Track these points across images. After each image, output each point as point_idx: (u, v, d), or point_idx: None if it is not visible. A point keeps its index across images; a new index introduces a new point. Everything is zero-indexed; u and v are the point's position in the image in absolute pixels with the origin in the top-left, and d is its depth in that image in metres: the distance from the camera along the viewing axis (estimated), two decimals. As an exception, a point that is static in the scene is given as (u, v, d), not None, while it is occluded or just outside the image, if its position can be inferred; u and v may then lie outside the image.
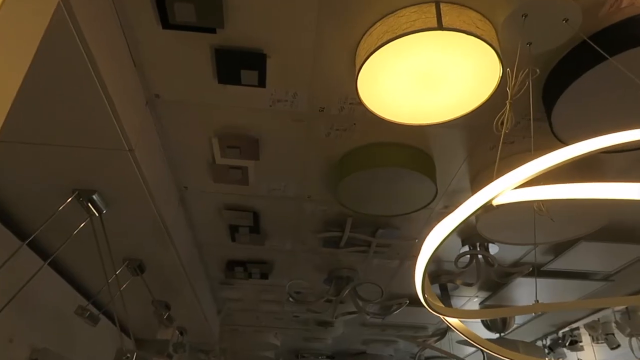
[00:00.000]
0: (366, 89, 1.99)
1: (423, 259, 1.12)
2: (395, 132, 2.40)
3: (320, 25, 1.87)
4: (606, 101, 1.89)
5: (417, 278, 1.23)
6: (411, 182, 2.58)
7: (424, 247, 1.12)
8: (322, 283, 4.45)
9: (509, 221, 2.71)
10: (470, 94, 2.01)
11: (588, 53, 1.71)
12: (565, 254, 3.55)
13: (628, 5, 1.70)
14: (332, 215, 3.33)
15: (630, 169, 2.60)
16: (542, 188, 1.01)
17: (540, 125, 2.21)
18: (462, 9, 1.75)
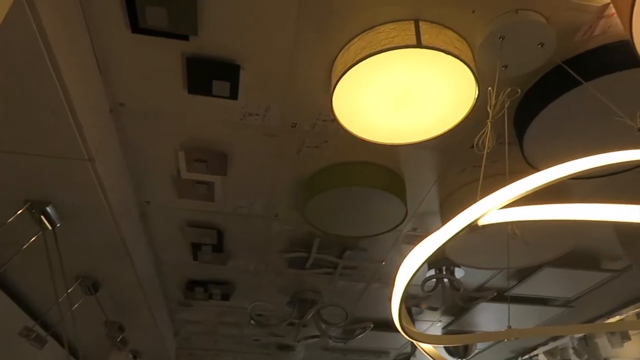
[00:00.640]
0: (341, 105, 1.95)
1: (403, 280, 1.07)
2: (368, 151, 2.37)
3: (298, 38, 1.83)
4: (578, 126, 1.92)
5: (394, 301, 1.17)
6: (381, 203, 2.55)
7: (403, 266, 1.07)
8: (285, 305, 4.33)
9: (477, 245, 2.70)
10: (445, 114, 2.00)
11: (562, 78, 1.74)
12: (529, 279, 3.58)
13: (600, 33, 1.74)
14: (299, 235, 3.25)
15: (595, 194, 2.65)
16: (527, 208, 0.97)
17: (511, 149, 2.22)
18: (440, 28, 1.74)
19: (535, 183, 0.89)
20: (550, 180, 0.88)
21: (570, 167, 0.89)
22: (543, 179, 0.88)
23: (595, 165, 0.91)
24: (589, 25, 1.71)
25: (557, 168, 0.90)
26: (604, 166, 0.97)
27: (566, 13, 1.69)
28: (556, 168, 0.90)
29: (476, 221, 0.94)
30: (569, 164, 0.92)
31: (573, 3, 1.65)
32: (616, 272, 3.47)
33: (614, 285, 3.68)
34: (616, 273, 3.48)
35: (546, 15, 1.69)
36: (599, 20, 1.70)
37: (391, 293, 1.32)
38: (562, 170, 0.89)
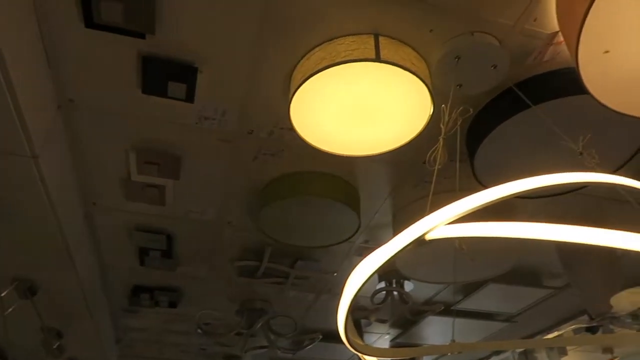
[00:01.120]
0: (298, 114, 1.94)
1: (350, 292, 1.07)
2: (324, 162, 2.37)
3: (258, 45, 1.82)
4: (526, 147, 1.99)
5: (340, 313, 1.17)
6: (335, 214, 2.55)
7: (350, 280, 1.07)
8: (233, 314, 4.25)
9: (426, 259, 2.75)
10: (401, 129, 2.03)
11: (512, 100, 1.80)
12: (474, 294, 3.67)
13: (550, 59, 1.82)
14: (252, 244, 3.21)
15: (541, 212, 2.75)
16: (474, 225, 1.00)
17: (462, 166, 2.28)
18: (399, 44, 1.78)
19: (480, 201, 0.91)
20: (495, 198, 0.91)
21: (515, 186, 0.91)
22: (488, 197, 0.91)
23: (538, 186, 0.94)
24: (539, 51, 1.79)
25: (502, 187, 0.92)
26: (548, 187, 1.01)
27: (519, 38, 1.76)
28: (501, 187, 0.92)
29: (423, 236, 0.95)
30: (514, 184, 0.95)
31: (525, 29, 1.72)
32: (556, 290, 3.62)
33: (554, 301, 3.83)
34: (556, 290, 3.62)
35: (500, 38, 1.75)
36: (549, 47, 1.78)
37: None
38: (507, 189, 0.91)
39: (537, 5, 1.65)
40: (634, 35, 1.41)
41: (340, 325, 1.20)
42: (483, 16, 1.70)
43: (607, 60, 1.48)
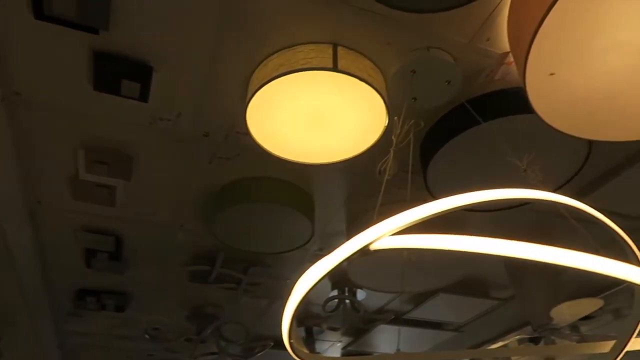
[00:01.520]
0: (255, 120, 1.93)
1: (293, 302, 1.07)
2: (280, 168, 2.36)
3: (217, 47, 1.80)
4: (476, 162, 2.05)
5: (284, 321, 1.16)
6: (289, 221, 2.55)
7: (295, 289, 1.07)
8: (184, 320, 4.17)
9: (378, 269, 2.78)
10: (357, 138, 2.05)
11: (464, 115, 1.85)
12: (425, 303, 3.73)
13: (500, 78, 1.88)
14: (204, 248, 3.16)
15: (489, 225, 2.83)
16: (419, 237, 1.01)
17: (415, 178, 2.32)
18: (357, 55, 1.80)
19: (423, 213, 0.93)
20: (436, 212, 0.93)
21: (457, 200, 0.94)
22: (430, 210, 0.93)
23: (479, 200, 0.97)
24: (491, 69, 1.86)
25: (444, 200, 0.94)
26: (491, 201, 1.04)
27: (472, 56, 1.81)
28: (444, 200, 0.95)
29: (367, 246, 0.96)
30: (456, 197, 0.97)
31: (478, 47, 1.78)
32: (502, 301, 3.73)
33: (500, 312, 3.95)
34: (502, 301, 3.73)
35: (454, 55, 1.80)
36: (500, 66, 1.84)
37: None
38: (449, 203, 0.94)
39: (490, 25, 1.71)
40: (577, 60, 1.48)
41: (284, 333, 1.19)
42: (439, 33, 1.74)
43: (552, 82, 1.54)
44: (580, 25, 1.37)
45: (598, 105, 1.67)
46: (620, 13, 1.33)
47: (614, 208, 2.74)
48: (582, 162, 2.08)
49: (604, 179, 2.44)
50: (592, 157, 2.08)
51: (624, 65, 1.50)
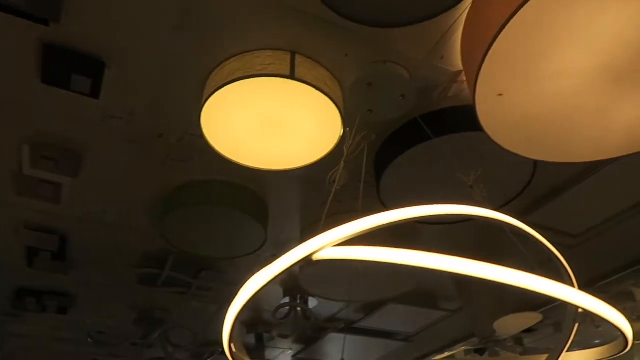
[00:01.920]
0: (210, 123, 1.91)
1: (233, 311, 1.06)
2: (235, 172, 2.33)
3: (174, 47, 1.77)
4: (427, 176, 2.09)
5: (225, 329, 1.15)
6: (242, 226, 2.52)
7: (237, 297, 1.06)
8: (130, 324, 4.05)
9: (329, 277, 2.78)
10: (312, 147, 2.06)
11: (417, 130, 1.89)
12: (375, 313, 3.77)
13: (454, 95, 1.93)
14: (154, 251, 3.08)
15: (440, 238, 2.89)
16: (362, 249, 1.02)
17: (370, 189, 2.35)
18: (315, 64, 1.81)
19: (366, 225, 0.94)
20: (380, 224, 0.94)
21: (400, 214, 0.95)
22: (373, 223, 0.94)
23: (424, 215, 0.99)
24: (445, 86, 1.90)
25: (387, 214, 0.96)
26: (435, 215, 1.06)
27: (427, 72, 1.86)
28: (386, 214, 0.96)
29: (310, 256, 0.96)
30: (400, 211, 0.99)
31: (433, 64, 1.83)
32: (451, 312, 3.81)
33: (448, 323, 4.03)
34: (450, 313, 3.81)
35: (410, 71, 1.84)
36: (453, 84, 1.89)
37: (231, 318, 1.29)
38: (392, 216, 0.95)
39: (445, 44, 1.76)
40: (525, 83, 1.53)
41: (225, 341, 1.18)
42: (396, 48, 1.78)
43: (501, 103, 1.59)
44: (528, 50, 1.42)
45: (544, 128, 1.74)
46: (566, 40, 1.39)
47: (557, 226, 2.86)
48: (527, 181, 2.15)
49: (549, 198, 2.54)
50: (537, 176, 2.16)
51: (569, 91, 1.57)
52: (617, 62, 1.47)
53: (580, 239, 2.97)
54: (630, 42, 1.40)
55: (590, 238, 2.96)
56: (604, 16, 1.31)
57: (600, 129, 1.75)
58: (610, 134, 1.76)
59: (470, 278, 1.08)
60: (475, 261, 1.03)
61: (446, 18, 1.65)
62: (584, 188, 2.47)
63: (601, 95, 1.57)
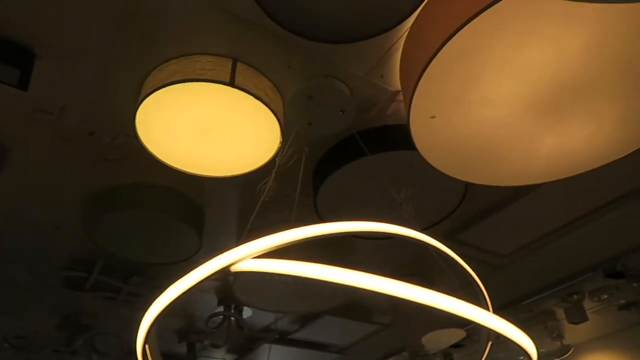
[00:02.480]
0: (146, 124, 1.86)
1: (145, 323, 1.03)
2: (171, 176, 2.26)
3: (112, 44, 1.71)
4: (363, 191, 2.12)
5: (138, 342, 1.12)
6: (175, 232, 2.46)
7: (150, 309, 1.03)
8: (53, 328, 3.84)
9: (263, 287, 2.76)
10: (251, 155, 2.04)
11: (355, 145, 1.91)
12: (310, 325, 3.76)
13: (392, 114, 1.98)
14: (82, 253, 2.94)
15: (374, 253, 2.94)
16: (280, 262, 1.02)
17: (308, 201, 2.35)
18: (257, 73, 1.80)
19: (285, 239, 0.94)
20: (298, 239, 0.94)
21: (321, 229, 0.96)
22: (291, 237, 0.94)
23: (344, 231, 1.00)
24: (383, 104, 1.94)
25: (307, 228, 0.96)
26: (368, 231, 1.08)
27: (367, 90, 1.89)
28: (306, 228, 0.96)
29: (228, 267, 0.95)
30: (321, 226, 1.00)
31: (373, 82, 1.86)
32: (384, 326, 3.86)
33: (382, 337, 4.08)
34: (383, 326, 3.87)
35: (350, 87, 1.87)
36: (391, 103, 1.94)
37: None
38: (311, 230, 0.95)
39: (385, 63, 1.80)
40: (456, 108, 1.59)
41: (138, 355, 1.14)
42: (338, 64, 1.80)
43: (433, 125, 1.64)
44: (460, 76, 1.47)
45: (474, 151, 1.81)
46: (494, 70, 1.46)
47: (487, 246, 2.97)
48: (459, 201, 2.23)
49: (479, 218, 2.64)
50: (469, 196, 2.24)
51: (496, 118, 1.64)
52: (540, 95, 1.55)
53: (508, 259, 3.10)
54: (553, 77, 1.49)
55: (517, 258, 3.10)
56: (528, 50, 1.39)
57: (526, 156, 1.84)
58: (534, 161, 1.85)
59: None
60: (391, 279, 1.05)
61: (387, 38, 1.70)
62: (513, 210, 2.58)
63: (526, 124, 1.66)
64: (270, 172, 2.08)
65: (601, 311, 3.69)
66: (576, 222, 2.71)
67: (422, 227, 2.29)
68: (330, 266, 1.04)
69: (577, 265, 3.12)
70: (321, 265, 0.98)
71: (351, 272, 1.01)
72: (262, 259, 1.01)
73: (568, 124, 1.71)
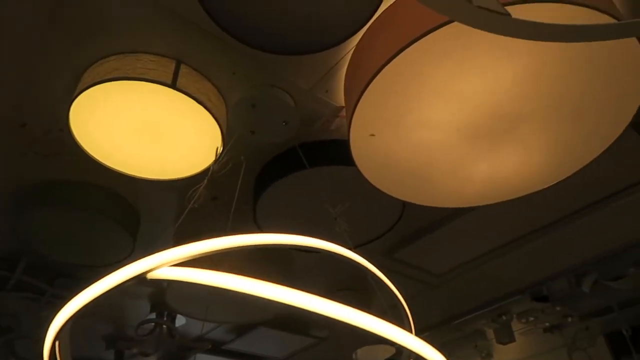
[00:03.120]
0: (81, 120, 1.79)
1: (51, 333, 0.98)
2: (105, 176, 2.19)
3: (49, 31, 1.63)
4: (302, 204, 2.12)
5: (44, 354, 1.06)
6: (107, 233, 2.36)
7: (55, 318, 0.98)
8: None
9: (196, 296, 2.69)
10: (191, 160, 2.00)
11: (296, 158, 1.91)
12: (245, 335, 3.71)
13: (335, 129, 1.99)
14: (4, 250, 2.77)
15: (314, 266, 2.94)
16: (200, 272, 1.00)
17: (249, 210, 2.33)
18: (201, 77, 1.77)
19: (207, 247, 0.92)
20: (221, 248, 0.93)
21: (243, 239, 0.94)
22: (216, 245, 0.92)
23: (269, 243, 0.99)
24: (327, 119, 1.96)
25: (231, 238, 0.95)
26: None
27: (311, 103, 1.90)
28: (231, 238, 0.95)
29: (144, 274, 0.92)
30: (245, 237, 0.98)
31: (318, 96, 1.87)
32: (319, 339, 3.85)
33: (318, 350, 4.07)
34: (319, 340, 3.86)
35: (295, 99, 1.87)
36: (335, 118, 1.95)
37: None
38: (234, 240, 0.94)
39: (331, 78, 1.81)
40: (394, 129, 1.63)
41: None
42: (284, 74, 1.80)
43: (373, 143, 1.67)
44: (399, 98, 1.51)
45: (412, 171, 1.85)
46: (431, 95, 1.50)
47: (422, 264, 3.04)
48: (396, 219, 2.26)
49: (416, 237, 2.70)
50: (406, 215, 2.28)
51: (433, 141, 1.69)
52: (476, 122, 1.61)
53: (443, 278, 3.18)
54: (488, 106, 1.55)
55: (451, 278, 3.19)
56: (465, 79, 1.44)
57: (461, 180, 1.90)
58: (468, 185, 1.92)
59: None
60: (316, 296, 1.05)
61: (334, 54, 1.71)
62: (448, 231, 2.66)
63: (461, 149, 1.71)
64: (216, 177, 2.06)
65: (528, 333, 3.84)
66: (507, 246, 2.82)
67: (359, 244, 2.32)
68: (252, 279, 1.02)
69: (506, 288, 3.24)
70: (242, 278, 0.96)
71: (269, 285, 1.00)
72: (183, 268, 0.99)
73: (501, 151, 1.78)
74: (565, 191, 2.06)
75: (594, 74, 1.51)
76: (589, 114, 1.65)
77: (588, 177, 1.91)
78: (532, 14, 1.06)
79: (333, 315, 1.04)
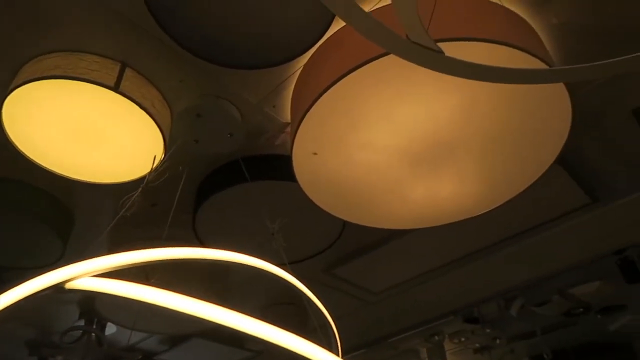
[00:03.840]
0: (15, 117, 1.72)
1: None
2: (38, 176, 2.10)
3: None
4: (242, 216, 2.11)
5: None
6: (36, 235, 2.25)
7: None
8: None
9: (128, 304, 2.60)
10: (131, 165, 1.95)
11: (238, 171, 1.91)
12: (178, 346, 3.62)
13: (280, 144, 2.00)
14: None
15: (252, 279, 2.91)
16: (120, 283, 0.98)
17: (189, 219, 2.29)
18: (146, 82, 1.74)
19: (130, 260, 0.91)
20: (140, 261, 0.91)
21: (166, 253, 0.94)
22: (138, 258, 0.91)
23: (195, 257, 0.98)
24: (272, 134, 1.97)
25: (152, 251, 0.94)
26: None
27: (258, 117, 1.90)
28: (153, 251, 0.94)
29: (62, 284, 0.89)
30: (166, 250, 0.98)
31: (264, 111, 1.88)
32: (255, 353, 3.81)
33: (253, 364, 4.02)
34: (255, 353, 3.82)
35: (242, 111, 1.87)
36: (281, 134, 1.97)
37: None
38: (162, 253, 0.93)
39: (278, 94, 1.83)
40: (336, 149, 1.66)
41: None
42: (232, 87, 1.80)
43: (315, 161, 1.69)
44: (342, 120, 1.55)
45: (352, 191, 1.89)
46: (373, 118, 1.55)
47: (361, 282, 3.08)
48: (336, 237, 2.29)
49: (356, 255, 2.74)
50: (346, 233, 2.31)
51: (373, 163, 1.73)
52: (414, 147, 1.67)
53: (379, 296, 3.24)
54: (425, 133, 1.61)
55: (388, 297, 3.25)
56: (406, 106, 1.49)
57: (399, 202, 1.95)
58: (405, 208, 1.97)
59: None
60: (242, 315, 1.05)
61: (283, 70, 1.73)
62: (387, 251, 2.71)
63: (400, 172, 1.77)
64: (152, 185, 2.01)
65: (459, 352, 3.96)
66: (441, 268, 2.91)
67: (298, 259, 2.33)
68: (178, 294, 1.01)
69: (440, 308, 3.33)
70: (168, 292, 0.95)
71: (196, 301, 0.99)
72: (107, 279, 0.97)
73: (438, 177, 1.85)
74: (497, 219, 2.16)
75: (526, 109, 1.60)
76: (520, 147, 1.74)
77: (519, 207, 2.01)
78: (470, 52, 1.13)
79: (259, 335, 1.05)
